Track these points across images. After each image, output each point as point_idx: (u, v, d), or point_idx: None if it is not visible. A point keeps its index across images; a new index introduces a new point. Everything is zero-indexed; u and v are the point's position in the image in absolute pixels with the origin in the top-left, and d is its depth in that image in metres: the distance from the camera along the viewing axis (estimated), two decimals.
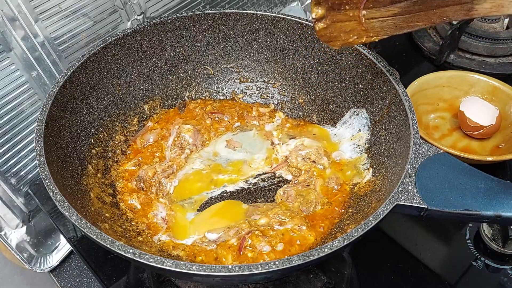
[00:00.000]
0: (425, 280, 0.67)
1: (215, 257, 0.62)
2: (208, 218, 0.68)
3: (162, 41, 0.79)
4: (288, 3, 1.14)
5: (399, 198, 0.53)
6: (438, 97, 0.90)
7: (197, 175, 0.74)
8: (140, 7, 0.82)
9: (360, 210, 0.63)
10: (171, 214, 0.68)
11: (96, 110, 0.72)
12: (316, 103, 0.82)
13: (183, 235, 0.65)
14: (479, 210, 0.52)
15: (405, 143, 0.60)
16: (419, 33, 1.09)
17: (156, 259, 0.45)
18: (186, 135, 0.77)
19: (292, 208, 0.68)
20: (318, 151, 0.74)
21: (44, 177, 0.52)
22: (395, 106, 0.66)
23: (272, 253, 0.61)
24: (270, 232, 0.63)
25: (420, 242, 0.72)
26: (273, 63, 0.84)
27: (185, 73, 0.83)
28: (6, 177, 0.72)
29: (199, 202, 0.70)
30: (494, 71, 0.99)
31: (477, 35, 1.01)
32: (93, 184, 0.67)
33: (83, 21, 0.75)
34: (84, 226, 0.48)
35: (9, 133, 0.71)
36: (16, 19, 0.67)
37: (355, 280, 0.66)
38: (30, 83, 0.71)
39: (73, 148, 0.66)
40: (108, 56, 0.73)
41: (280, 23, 0.79)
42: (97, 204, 0.64)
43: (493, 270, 0.68)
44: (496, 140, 0.84)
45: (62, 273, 0.74)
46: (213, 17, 0.79)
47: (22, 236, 0.75)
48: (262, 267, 0.45)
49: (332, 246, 0.47)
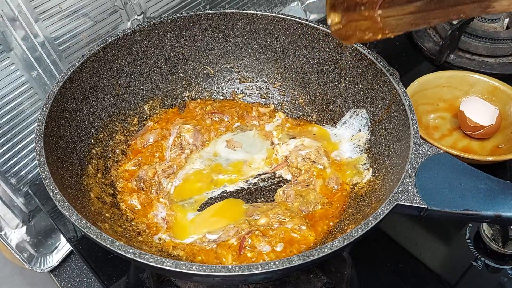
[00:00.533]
0: (425, 280, 0.67)
1: (215, 257, 0.62)
2: (209, 218, 0.68)
3: (162, 41, 0.79)
4: (288, 3, 1.14)
5: (399, 198, 0.53)
6: (438, 97, 0.90)
7: (197, 175, 0.74)
8: (140, 7, 0.82)
9: (360, 210, 0.63)
10: (171, 214, 0.68)
11: (96, 110, 0.72)
12: (316, 103, 0.82)
13: (183, 235, 0.65)
14: (479, 210, 0.52)
15: (405, 143, 0.60)
16: (419, 33, 1.09)
17: (156, 259, 0.45)
18: (186, 135, 0.77)
19: (292, 208, 0.68)
20: (318, 151, 0.74)
21: (44, 177, 0.52)
22: (395, 106, 0.66)
23: (272, 253, 0.61)
24: (270, 232, 0.63)
25: (420, 242, 0.72)
26: (273, 63, 0.84)
27: (185, 73, 0.83)
28: (6, 177, 0.72)
29: (199, 202, 0.70)
30: (494, 71, 0.99)
31: (477, 35, 1.01)
32: (93, 184, 0.67)
33: (83, 21, 0.75)
34: (84, 226, 0.48)
35: (9, 133, 0.71)
36: (16, 19, 0.67)
37: (355, 280, 0.66)
38: (30, 83, 0.71)
39: (73, 148, 0.66)
40: (108, 56, 0.73)
41: (280, 23, 0.79)
42: (97, 204, 0.64)
43: (493, 270, 0.68)
44: (496, 140, 0.84)
45: (62, 273, 0.74)
46: (213, 17, 0.80)
47: (22, 236, 0.75)
48: (262, 267, 0.45)
49: (332, 246, 0.47)
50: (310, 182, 0.71)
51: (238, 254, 0.61)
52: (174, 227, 0.66)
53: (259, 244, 0.61)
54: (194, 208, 0.69)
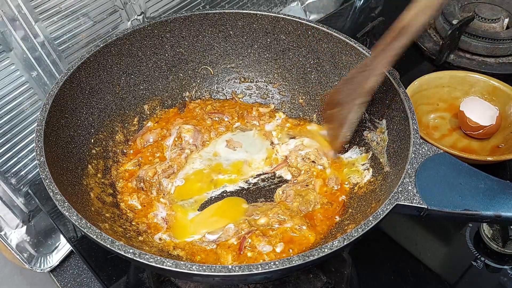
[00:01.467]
0: (425, 280, 0.67)
1: (215, 258, 0.62)
2: (209, 217, 0.68)
3: (162, 41, 0.79)
4: (288, 3, 1.14)
5: (399, 198, 0.53)
6: (438, 97, 0.90)
7: (198, 175, 0.74)
8: (140, 7, 0.82)
9: (360, 210, 0.63)
10: (172, 214, 0.68)
11: (96, 110, 0.72)
12: (316, 103, 0.82)
13: (183, 234, 0.65)
14: (479, 210, 0.52)
15: (405, 143, 0.60)
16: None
17: (156, 259, 0.45)
18: (186, 135, 0.77)
19: (291, 207, 0.68)
20: (317, 151, 0.74)
21: (44, 177, 0.52)
22: (395, 106, 0.66)
23: (272, 253, 0.61)
24: (270, 232, 0.63)
25: (420, 242, 0.72)
26: (273, 63, 0.84)
27: (185, 73, 0.83)
28: (6, 177, 0.72)
29: (199, 202, 0.70)
30: (494, 71, 0.99)
31: (477, 35, 1.01)
32: (93, 184, 0.67)
33: (83, 21, 0.75)
34: (84, 226, 0.48)
35: (9, 133, 0.71)
36: (16, 19, 0.67)
37: (355, 280, 0.66)
38: (30, 83, 0.71)
39: (73, 148, 0.66)
40: (108, 56, 0.73)
41: (280, 23, 0.79)
42: (97, 204, 0.64)
43: (493, 270, 0.68)
44: (496, 140, 0.84)
45: (62, 273, 0.74)
46: (213, 17, 0.79)
47: (22, 236, 0.75)
48: (262, 267, 0.45)
49: (332, 246, 0.47)
50: (310, 182, 0.71)
51: (238, 254, 0.61)
52: (174, 227, 0.66)
53: (259, 244, 0.61)
54: (194, 208, 0.69)
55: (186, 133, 0.77)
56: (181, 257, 0.62)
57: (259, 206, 0.69)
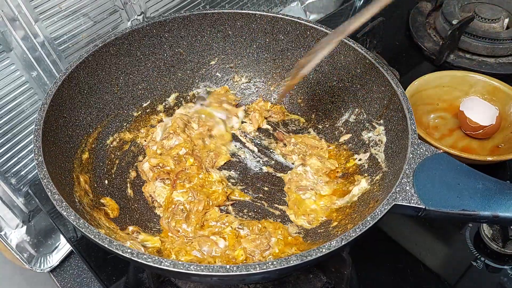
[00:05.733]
0: (425, 280, 0.67)
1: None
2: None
3: (161, 41, 0.79)
4: (288, 3, 1.14)
5: (397, 198, 0.53)
6: (438, 97, 0.89)
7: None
8: (140, 7, 0.82)
9: (358, 210, 0.63)
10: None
11: (95, 109, 0.72)
12: (315, 103, 0.82)
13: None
14: (476, 211, 0.52)
15: (403, 143, 0.60)
16: (419, 33, 1.09)
17: (154, 259, 0.45)
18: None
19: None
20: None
21: (42, 177, 0.52)
22: (394, 106, 0.66)
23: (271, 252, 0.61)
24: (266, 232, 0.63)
25: (420, 242, 0.72)
26: (271, 63, 0.84)
27: (183, 73, 0.83)
28: (6, 177, 0.72)
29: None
30: (494, 71, 0.99)
31: (477, 35, 1.01)
32: None
33: (83, 21, 0.75)
34: (82, 226, 0.48)
35: (9, 133, 0.71)
36: (16, 19, 0.67)
37: (355, 280, 0.66)
38: (30, 83, 0.71)
39: (72, 148, 0.66)
40: (106, 56, 0.73)
41: (279, 23, 0.79)
42: None
43: (493, 270, 0.68)
44: (496, 140, 0.84)
45: (62, 273, 0.74)
46: (212, 17, 0.80)
47: (22, 236, 0.75)
48: (260, 267, 0.45)
49: (330, 246, 0.47)
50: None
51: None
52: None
53: (256, 242, 0.61)
54: None
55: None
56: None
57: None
